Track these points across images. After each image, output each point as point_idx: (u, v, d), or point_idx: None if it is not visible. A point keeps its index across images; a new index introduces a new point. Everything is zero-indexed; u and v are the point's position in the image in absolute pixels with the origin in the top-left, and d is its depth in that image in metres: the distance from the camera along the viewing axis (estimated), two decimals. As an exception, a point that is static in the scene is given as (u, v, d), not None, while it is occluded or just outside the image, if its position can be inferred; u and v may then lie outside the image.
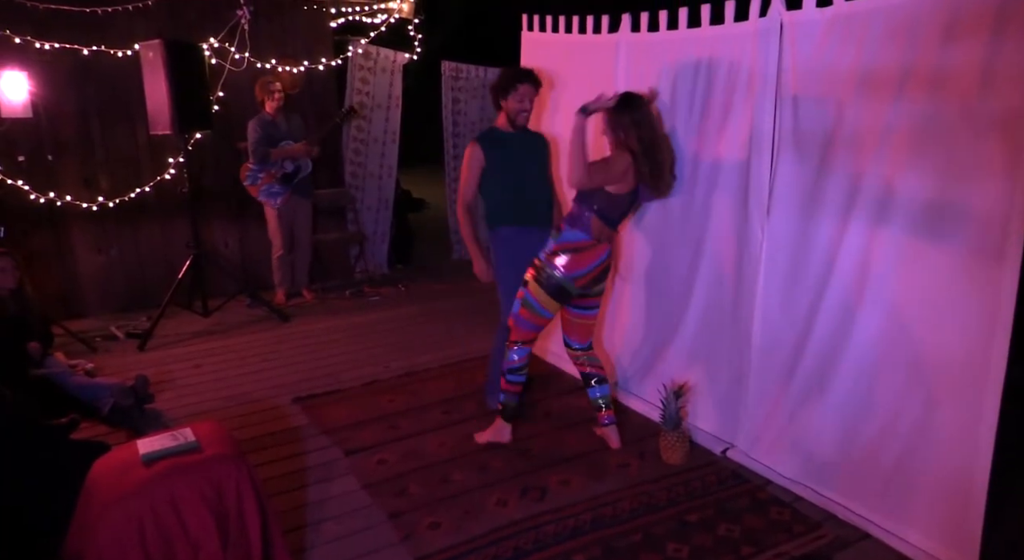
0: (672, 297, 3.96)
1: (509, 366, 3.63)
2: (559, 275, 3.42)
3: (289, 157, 6.02)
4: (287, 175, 6.04)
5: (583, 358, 3.77)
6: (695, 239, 3.77)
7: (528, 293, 3.51)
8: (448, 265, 7.83)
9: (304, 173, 6.12)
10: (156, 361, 4.97)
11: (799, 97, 3.12)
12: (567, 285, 3.43)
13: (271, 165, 5.98)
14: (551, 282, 3.44)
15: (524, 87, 3.66)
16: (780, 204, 3.27)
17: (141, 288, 6.16)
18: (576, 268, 3.42)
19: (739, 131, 3.43)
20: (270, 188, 6.01)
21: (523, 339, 3.61)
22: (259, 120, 5.94)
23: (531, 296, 3.50)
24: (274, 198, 6.03)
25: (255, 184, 6.00)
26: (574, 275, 3.42)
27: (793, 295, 3.26)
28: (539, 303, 3.50)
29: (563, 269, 3.42)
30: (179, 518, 2.33)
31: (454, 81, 7.55)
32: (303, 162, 6.09)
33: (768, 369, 3.41)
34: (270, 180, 5.99)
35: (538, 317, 3.55)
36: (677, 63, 3.72)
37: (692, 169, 3.72)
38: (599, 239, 3.42)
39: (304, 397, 4.35)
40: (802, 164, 3.15)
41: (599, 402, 3.73)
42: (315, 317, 6.02)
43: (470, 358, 4.95)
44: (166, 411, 4.16)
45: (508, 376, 3.65)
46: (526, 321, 3.56)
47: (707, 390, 3.79)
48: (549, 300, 3.48)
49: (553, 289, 3.45)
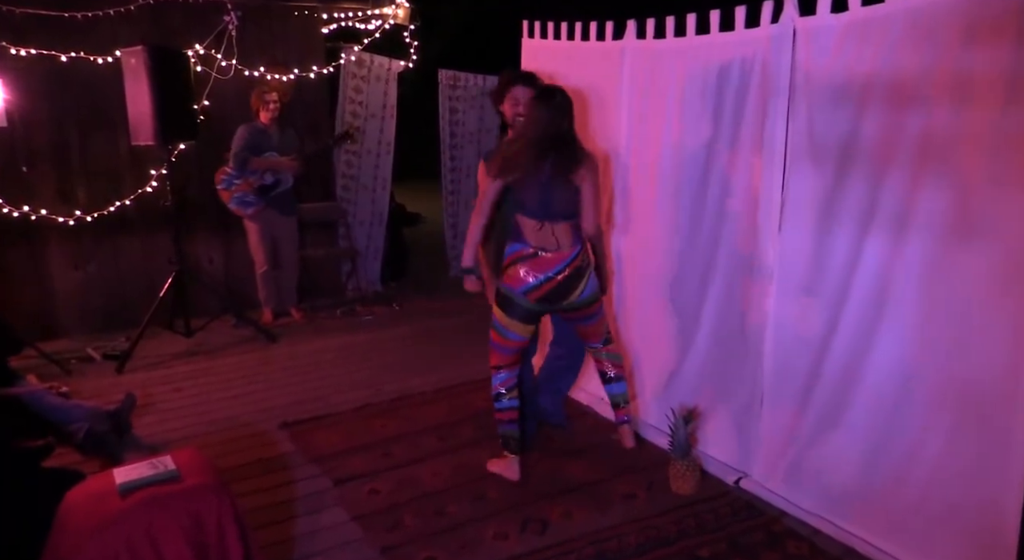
0: (680, 316, 3.96)
1: (494, 393, 3.62)
2: (506, 291, 3.43)
3: (271, 169, 6.03)
4: (264, 187, 6.05)
5: (602, 354, 3.81)
6: (705, 255, 3.77)
7: (494, 316, 3.54)
8: (445, 283, 7.81)
9: (283, 188, 6.13)
10: (135, 384, 4.93)
11: (813, 105, 3.13)
12: (520, 301, 3.42)
13: (250, 173, 5.98)
14: (500, 296, 3.47)
15: (518, 89, 3.65)
16: (793, 218, 3.27)
17: (120, 307, 6.14)
18: (522, 282, 3.40)
19: (750, 141, 3.44)
20: (243, 197, 6.00)
21: (500, 364, 3.60)
22: (250, 126, 5.96)
23: (495, 318, 3.52)
24: (245, 207, 6.02)
25: (228, 189, 5.99)
26: (523, 289, 3.41)
27: (808, 315, 3.24)
28: (502, 325, 3.51)
29: (510, 284, 3.43)
30: (157, 552, 2.30)
31: (451, 90, 7.57)
32: (284, 177, 6.10)
33: (783, 393, 3.39)
34: (246, 189, 5.99)
35: (506, 339, 3.53)
36: (685, 71, 3.72)
37: (701, 182, 3.72)
38: (537, 247, 3.38)
39: (291, 422, 4.33)
40: (816, 175, 3.15)
41: (616, 399, 3.81)
42: (304, 337, 6.01)
43: (467, 381, 4.93)
44: (145, 437, 4.13)
45: (496, 403, 3.63)
46: (497, 345, 3.57)
47: (718, 415, 3.77)
48: (510, 321, 3.47)
49: (504, 303, 3.45)
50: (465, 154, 7.74)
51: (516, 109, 3.63)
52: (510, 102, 3.66)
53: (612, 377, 3.80)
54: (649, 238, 4.09)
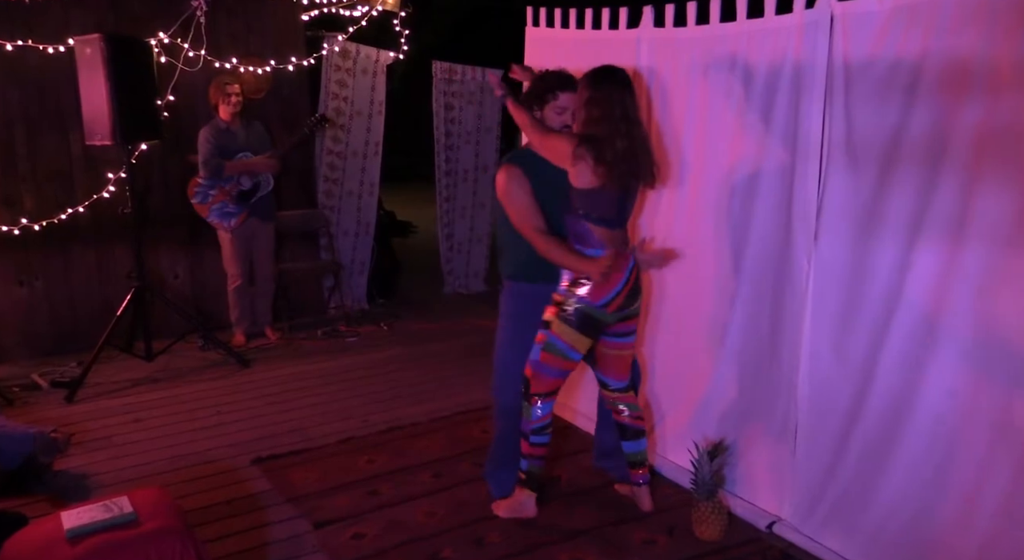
0: (703, 337, 3.94)
1: (533, 426, 3.57)
2: (586, 305, 3.39)
3: (247, 171, 6.04)
4: (244, 193, 6.06)
5: (622, 404, 3.72)
6: (730, 269, 3.76)
7: (551, 335, 3.46)
8: (439, 300, 7.80)
9: (264, 191, 6.14)
10: (88, 414, 4.93)
11: (853, 99, 3.12)
12: (598, 315, 3.40)
13: (225, 180, 5.99)
14: (579, 315, 3.40)
15: (567, 96, 3.51)
16: (831, 226, 3.26)
17: (71, 327, 6.12)
18: (605, 292, 3.38)
19: (781, 141, 3.44)
20: (223, 208, 6.02)
21: (546, 391, 3.55)
22: (212, 128, 5.97)
23: (555, 337, 3.45)
24: (227, 219, 6.04)
25: (205, 202, 6.00)
26: (604, 301, 3.38)
27: (848, 338, 3.22)
28: (567, 343, 3.45)
29: (590, 297, 3.38)
30: (110, 606, 2.28)
31: (447, 84, 7.59)
32: (263, 178, 6.12)
33: (821, 427, 3.37)
34: (224, 198, 6.01)
35: (565, 360, 3.50)
36: (708, 62, 3.73)
37: (725, 187, 3.72)
38: (615, 248, 3.39)
39: (266, 458, 4.32)
40: (857, 177, 3.14)
41: (636, 458, 3.73)
42: (280, 361, 6.00)
43: (466, 411, 4.92)
44: (98, 475, 4.12)
45: (533, 438, 3.59)
46: (550, 368, 3.51)
47: (748, 451, 3.75)
48: (579, 337, 3.45)
49: (582, 323, 3.41)
50: (462, 155, 7.75)
51: (562, 118, 3.52)
52: (554, 110, 3.53)
53: (631, 432, 3.72)
54: (665, 247, 4.05)
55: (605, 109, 3.26)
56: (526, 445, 3.62)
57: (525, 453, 3.63)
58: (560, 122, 3.51)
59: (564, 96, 3.49)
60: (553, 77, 3.56)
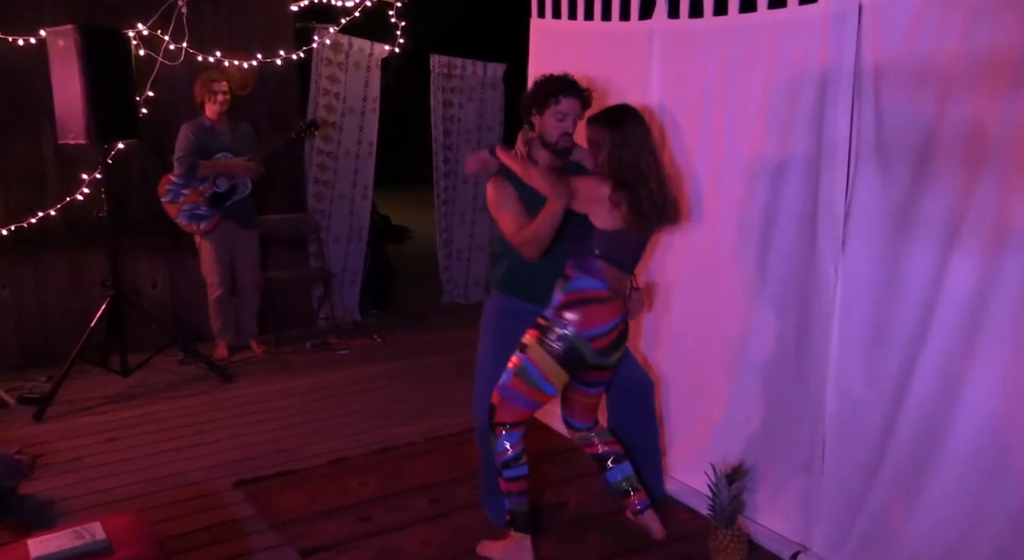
0: (721, 353, 3.93)
1: (503, 459, 3.48)
2: (572, 333, 3.35)
3: (224, 173, 6.04)
4: (218, 195, 6.05)
5: (590, 437, 3.77)
6: (749, 278, 3.74)
7: (527, 360, 3.41)
8: (437, 311, 7.81)
9: (240, 195, 6.14)
10: (57, 434, 4.91)
11: (884, 95, 3.10)
12: (582, 348, 3.36)
13: (200, 180, 5.99)
14: (562, 344, 3.36)
15: (569, 102, 3.50)
16: (859, 233, 3.24)
17: (41, 339, 6.11)
18: (595, 324, 3.36)
19: (806, 141, 3.42)
20: (194, 209, 6.01)
21: (512, 421, 3.47)
22: (194, 124, 5.98)
23: (530, 363, 3.40)
24: (197, 222, 6.03)
25: (175, 202, 6.00)
26: (592, 333, 3.35)
27: (879, 354, 3.20)
28: (541, 373, 3.40)
29: (578, 325, 3.35)
30: (78, 644, 2.25)
31: (446, 80, 7.60)
32: (241, 181, 6.12)
33: (849, 450, 3.35)
34: (196, 199, 6.00)
35: (536, 392, 3.44)
36: (727, 57, 3.72)
37: (746, 192, 3.71)
38: (615, 291, 3.41)
39: (249, 480, 4.30)
40: (889, 179, 3.12)
41: (623, 486, 3.70)
42: (266, 376, 6.00)
43: (465, 430, 4.87)
44: (68, 500, 4.10)
45: (506, 472, 3.49)
46: (519, 396, 3.44)
47: (770, 475, 3.73)
48: (557, 369, 3.40)
49: (564, 354, 3.36)
50: (461, 156, 7.75)
51: (563, 124, 3.50)
52: (554, 116, 3.50)
53: (612, 461, 3.72)
54: (683, 262, 4.07)
55: (634, 151, 3.31)
56: (502, 481, 3.52)
57: (503, 491, 3.54)
58: (560, 129, 3.50)
59: (566, 101, 3.48)
60: (556, 81, 3.54)
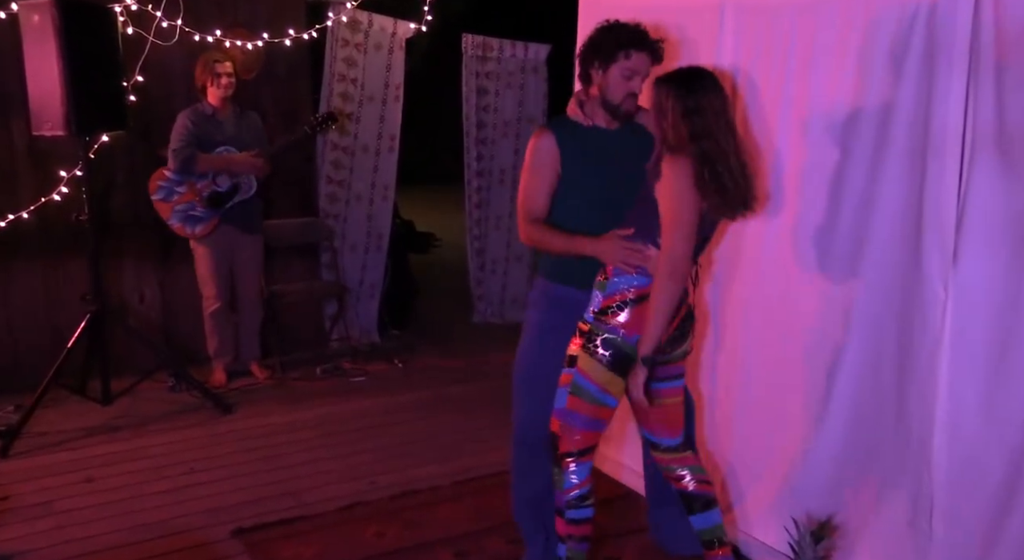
0: (802, 384, 3.87)
1: (567, 497, 3.46)
2: (620, 338, 3.32)
3: (226, 170, 6.06)
4: (218, 195, 6.07)
5: (677, 466, 3.61)
6: (837, 298, 3.69)
7: (579, 374, 3.39)
8: (465, 331, 7.85)
9: (243, 196, 6.16)
10: (26, 472, 4.93)
11: (1007, 75, 3.03)
12: (633, 353, 3.33)
13: (197, 176, 6.01)
14: (610, 350, 3.33)
15: (640, 57, 3.46)
16: (975, 242, 3.17)
17: (10, 361, 6.15)
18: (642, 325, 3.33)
19: (908, 133, 3.36)
20: (189, 209, 6.03)
21: (579, 448, 3.45)
22: (194, 112, 6.00)
23: (584, 377, 3.38)
24: (192, 225, 6.05)
25: (168, 201, 6.02)
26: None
27: (1001, 388, 3.13)
28: (598, 385, 3.37)
29: (625, 330, 3.32)
30: None
31: (480, 63, 7.60)
32: (244, 180, 6.14)
33: (966, 501, 3.27)
34: (192, 198, 6.03)
35: (598, 407, 3.41)
36: (811, 32, 3.67)
37: (834, 192, 3.66)
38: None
39: (250, 528, 4.30)
40: (1012, 179, 3.05)
41: (708, 536, 3.59)
42: (269, 406, 6.01)
43: (497, 471, 4.83)
44: (36, 551, 4.10)
45: (568, 513, 3.47)
46: (581, 417, 3.41)
47: (864, 532, 3.66)
48: (612, 378, 3.36)
49: (614, 359, 3.34)
50: (498, 151, 7.75)
51: (630, 85, 3.48)
52: (621, 73, 3.46)
53: (700, 505, 3.59)
54: (755, 274, 4.04)
55: (707, 121, 3.24)
56: (562, 524, 3.50)
57: (562, 534, 3.52)
58: (626, 89, 3.47)
59: (637, 56, 3.44)
60: (626, 31, 3.47)
